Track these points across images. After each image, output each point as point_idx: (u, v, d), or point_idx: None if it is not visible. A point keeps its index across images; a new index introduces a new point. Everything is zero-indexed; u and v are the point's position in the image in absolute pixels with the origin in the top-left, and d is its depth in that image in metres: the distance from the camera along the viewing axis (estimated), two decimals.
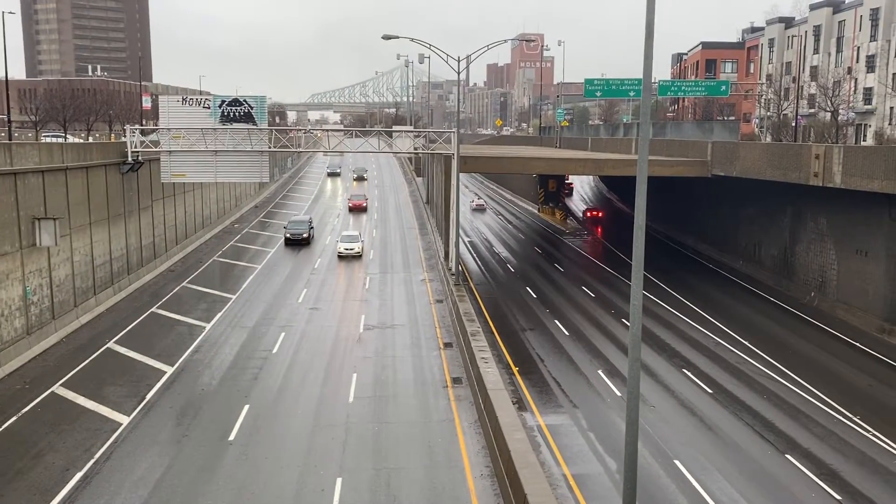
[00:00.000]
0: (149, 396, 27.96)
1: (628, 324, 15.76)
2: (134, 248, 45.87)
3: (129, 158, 43.65)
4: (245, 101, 43.80)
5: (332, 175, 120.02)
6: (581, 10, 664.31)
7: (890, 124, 71.57)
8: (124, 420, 25.70)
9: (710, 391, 29.46)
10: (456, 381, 29.82)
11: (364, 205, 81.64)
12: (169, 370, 30.93)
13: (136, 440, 24.05)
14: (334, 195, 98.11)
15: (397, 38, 43.40)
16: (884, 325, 36.33)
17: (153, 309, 40.62)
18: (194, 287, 46.12)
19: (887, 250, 36.27)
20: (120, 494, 20.70)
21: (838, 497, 21.21)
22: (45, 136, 79.78)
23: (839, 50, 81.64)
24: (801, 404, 28.09)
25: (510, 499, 19.34)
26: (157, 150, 44.77)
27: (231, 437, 24.38)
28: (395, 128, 52.96)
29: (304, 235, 61.37)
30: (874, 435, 25.17)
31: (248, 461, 22.72)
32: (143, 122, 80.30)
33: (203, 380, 30.00)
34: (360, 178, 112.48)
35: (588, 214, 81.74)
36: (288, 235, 61.81)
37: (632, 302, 14.03)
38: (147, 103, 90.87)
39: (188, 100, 43.84)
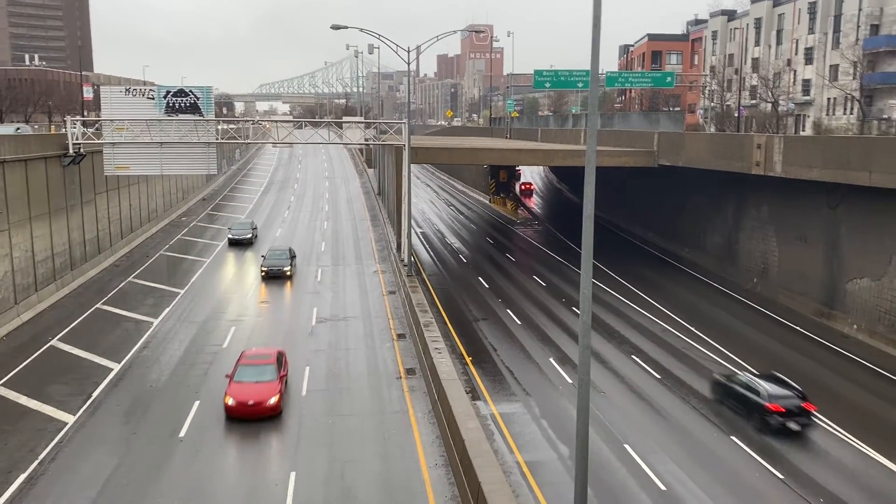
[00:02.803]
0: (95, 394, 27.33)
1: (578, 312, 15.98)
2: (77, 242, 44.65)
3: (71, 151, 42.45)
4: (191, 91, 42.93)
5: (237, 243, 57.46)
6: (530, 2, 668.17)
7: (827, 115, 73.90)
8: (70, 419, 25.09)
9: (658, 376, 30.13)
10: (409, 372, 29.88)
11: (274, 404, 25.12)
12: (115, 367, 30.26)
13: (82, 440, 23.52)
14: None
15: (346, 27, 43.02)
16: (822, 308, 37.61)
17: (98, 305, 39.65)
18: (141, 282, 45.15)
19: (825, 237, 37.52)
20: (66, 496, 20.25)
21: (781, 476, 21.97)
22: None
23: (779, 42, 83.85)
24: None
25: (465, 487, 19.51)
26: (99, 142, 43.63)
27: (181, 434, 24.02)
28: (345, 119, 52.19)
29: None
30: (815, 416, 26.08)
31: (200, 458, 22.43)
32: (85, 113, 78.06)
33: (151, 376, 29.43)
34: (277, 276, 46.19)
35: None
36: None
37: (582, 290, 14.26)
38: (88, 94, 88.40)
39: (132, 90, 42.79)
